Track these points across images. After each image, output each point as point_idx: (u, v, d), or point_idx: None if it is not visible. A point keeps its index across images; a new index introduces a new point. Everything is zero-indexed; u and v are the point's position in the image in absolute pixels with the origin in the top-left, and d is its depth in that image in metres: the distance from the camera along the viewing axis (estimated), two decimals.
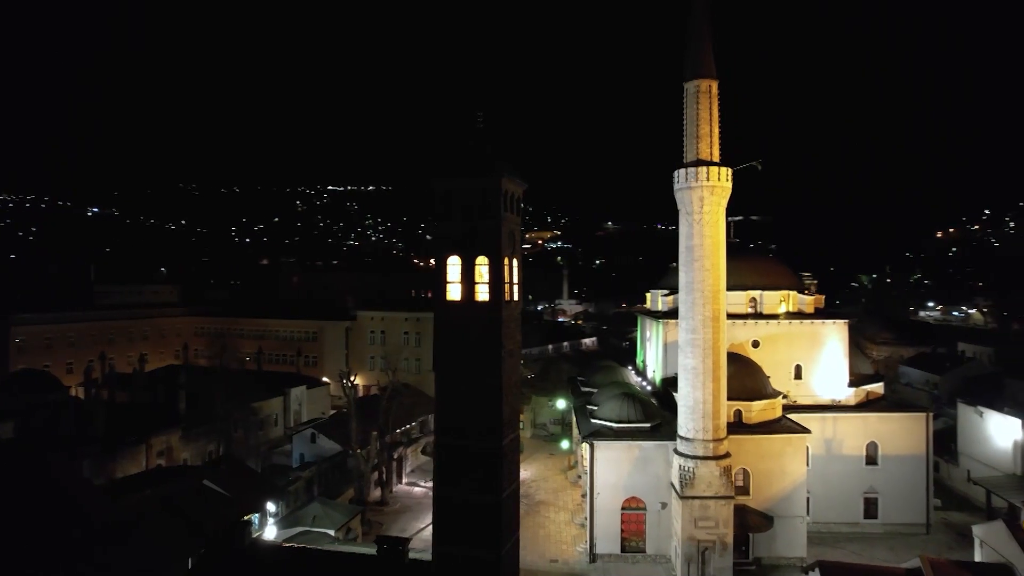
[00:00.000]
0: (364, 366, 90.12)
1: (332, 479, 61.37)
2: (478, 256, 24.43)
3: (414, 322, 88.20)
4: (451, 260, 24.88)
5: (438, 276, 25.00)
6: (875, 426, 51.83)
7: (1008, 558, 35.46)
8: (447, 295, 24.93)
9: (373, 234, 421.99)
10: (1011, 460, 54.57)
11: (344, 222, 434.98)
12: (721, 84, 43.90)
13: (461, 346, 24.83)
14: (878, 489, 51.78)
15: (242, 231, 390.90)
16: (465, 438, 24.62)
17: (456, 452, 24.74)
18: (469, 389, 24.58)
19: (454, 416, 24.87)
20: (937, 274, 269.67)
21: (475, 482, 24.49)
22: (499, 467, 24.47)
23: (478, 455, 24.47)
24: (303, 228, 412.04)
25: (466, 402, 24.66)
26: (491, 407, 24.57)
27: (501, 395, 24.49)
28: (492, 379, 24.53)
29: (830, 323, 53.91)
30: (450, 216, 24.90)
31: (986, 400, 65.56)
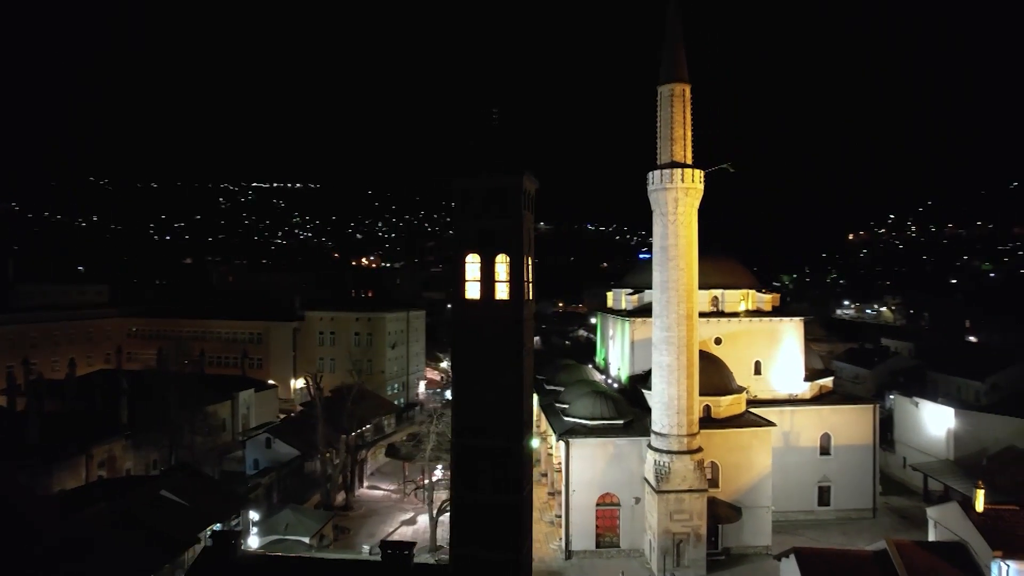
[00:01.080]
0: (313, 368, 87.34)
1: (291, 485, 59.47)
2: (498, 254, 24.23)
3: (365, 322, 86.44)
4: (470, 258, 24.56)
5: (455, 274, 24.65)
6: (828, 418, 54.61)
7: (962, 536, 38.11)
8: (465, 293, 24.57)
9: (301, 232, 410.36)
10: (944, 446, 58.63)
11: (271, 220, 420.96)
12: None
13: (480, 345, 24.58)
14: (831, 478, 54.58)
15: (161, 228, 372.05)
16: (483, 438, 24.38)
17: (474, 452, 24.48)
18: (488, 388, 24.37)
19: (472, 416, 24.59)
20: (850, 274, 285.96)
21: (494, 482, 24.31)
22: (519, 466, 24.39)
23: (497, 454, 24.30)
24: (227, 226, 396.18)
25: (485, 401, 24.43)
26: (511, 406, 24.46)
27: (522, 393, 24.39)
28: (513, 378, 24.44)
29: (787, 321, 56.44)
30: (469, 214, 24.59)
31: (911, 391, 70.38)
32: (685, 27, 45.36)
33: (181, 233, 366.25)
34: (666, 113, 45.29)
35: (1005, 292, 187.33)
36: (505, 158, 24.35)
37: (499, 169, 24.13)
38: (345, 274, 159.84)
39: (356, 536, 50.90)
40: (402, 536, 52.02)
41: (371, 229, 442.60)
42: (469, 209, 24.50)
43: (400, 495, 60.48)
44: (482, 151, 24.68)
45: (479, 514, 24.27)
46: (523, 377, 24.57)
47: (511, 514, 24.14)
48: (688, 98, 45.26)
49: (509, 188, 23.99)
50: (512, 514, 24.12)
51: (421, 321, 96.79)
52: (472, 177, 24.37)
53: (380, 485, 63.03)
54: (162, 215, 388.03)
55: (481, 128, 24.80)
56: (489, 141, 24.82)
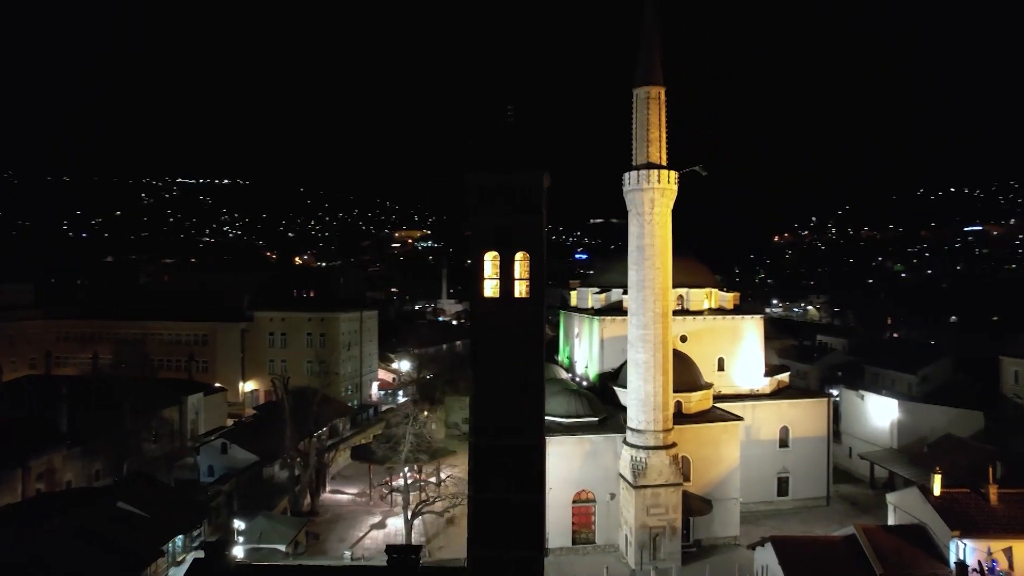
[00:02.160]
0: (263, 370, 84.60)
1: (251, 492, 57.30)
2: (517, 252, 24.12)
3: (318, 322, 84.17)
4: (488, 256, 24.34)
5: (474, 272, 24.38)
6: (787, 412, 56.94)
7: (921, 519, 40.57)
8: (483, 291, 24.34)
9: (231, 230, 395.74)
10: (888, 436, 62.13)
11: (197, 217, 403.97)
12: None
13: (499, 343, 24.39)
14: (789, 469, 56.94)
15: (77, 225, 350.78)
16: (503, 436, 24.22)
17: (494, 451, 24.27)
18: (508, 386, 24.22)
19: (492, 414, 24.39)
20: (777, 275, 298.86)
21: (514, 481, 24.18)
22: (540, 464, 24.37)
23: (517, 453, 24.19)
24: (151, 223, 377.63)
25: (504, 399, 24.28)
26: (531, 403, 24.41)
27: (542, 391, 24.36)
28: (533, 375, 24.39)
29: (748, 318, 58.53)
30: (487, 211, 24.35)
31: (849, 384, 74.41)
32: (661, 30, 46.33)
33: (100, 230, 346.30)
34: (642, 115, 46.13)
35: (919, 291, 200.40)
36: (523, 155, 24.25)
37: (519, 165, 24.02)
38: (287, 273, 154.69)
39: (327, 541, 49.64)
40: (373, 540, 51.10)
41: (304, 227, 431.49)
42: (487, 206, 24.24)
43: (366, 499, 59.28)
44: (498, 147, 24.49)
45: (499, 513, 24.09)
46: (543, 375, 24.55)
47: (532, 512, 24.09)
48: (663, 100, 46.27)
49: (530, 185, 23.93)
50: (533, 512, 24.09)
51: (374, 321, 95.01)
52: (491, 173, 24.13)
53: (344, 489, 61.57)
54: (76, 211, 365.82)
55: (496, 125, 24.63)
56: (505, 137, 24.66)
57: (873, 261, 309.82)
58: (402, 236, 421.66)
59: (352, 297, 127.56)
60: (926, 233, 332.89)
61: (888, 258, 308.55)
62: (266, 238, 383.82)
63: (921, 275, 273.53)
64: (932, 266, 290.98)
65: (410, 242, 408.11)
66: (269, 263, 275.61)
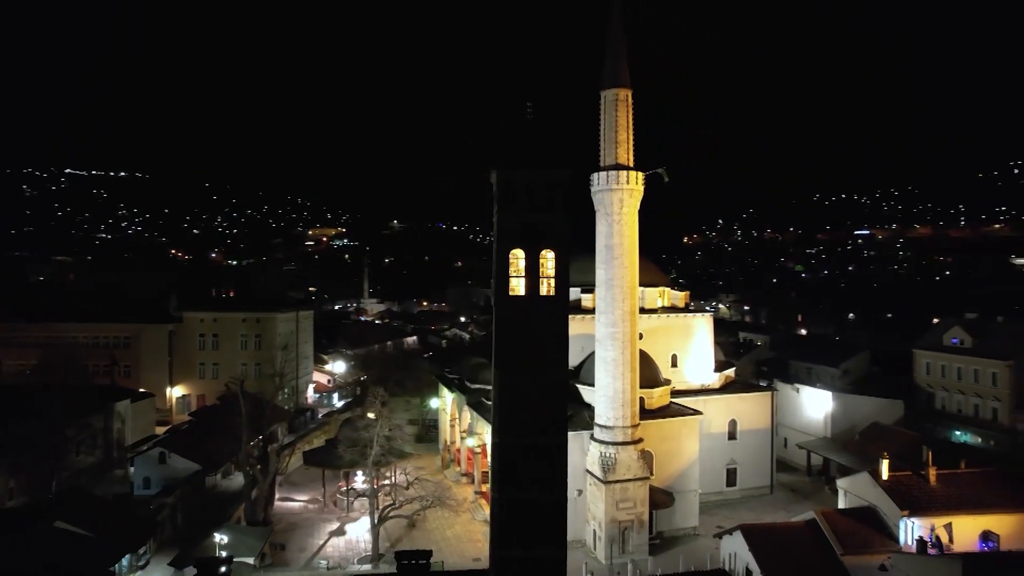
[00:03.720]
0: (193, 374, 79.98)
1: (195, 503, 54.07)
2: (544, 250, 24.02)
3: (254, 323, 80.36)
4: (515, 253, 24.09)
5: (499, 270, 24.04)
6: (735, 405, 59.50)
7: (872, 502, 43.50)
8: (510, 290, 24.07)
9: (130, 226, 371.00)
10: (823, 426, 66.17)
11: (91, 212, 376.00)
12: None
13: (524, 342, 24.17)
14: (737, 460, 59.55)
15: None
16: (528, 435, 24.06)
17: (519, 450, 24.05)
18: (533, 385, 24.06)
19: (517, 413, 24.13)
20: (687, 275, 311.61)
21: (538, 480, 24.02)
22: (563, 462, 24.39)
23: (542, 452, 24.05)
24: (34, 216, 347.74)
25: (529, 398, 24.09)
26: (556, 402, 24.37)
27: (566, 387, 24.29)
28: (558, 373, 24.36)
29: (699, 316, 60.74)
30: (513, 208, 24.07)
31: (776, 378, 78.75)
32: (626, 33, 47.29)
33: None
34: (610, 117, 46.97)
35: (823, 290, 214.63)
36: (554, 150, 24.16)
37: (548, 162, 23.90)
38: (203, 272, 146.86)
39: (289, 550, 47.57)
40: (335, 547, 49.47)
41: (210, 224, 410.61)
42: (513, 203, 23.95)
43: (318, 505, 57.26)
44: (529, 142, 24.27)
45: (523, 513, 23.87)
46: (567, 372, 24.53)
47: (556, 511, 24.05)
48: (631, 103, 47.29)
49: (556, 182, 23.85)
50: (558, 511, 24.05)
51: (310, 321, 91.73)
52: (520, 170, 23.86)
53: (294, 496, 59.14)
54: None
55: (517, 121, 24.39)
56: (528, 134, 24.47)
57: (775, 262, 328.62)
58: (316, 234, 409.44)
59: (275, 297, 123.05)
60: (822, 236, 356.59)
61: (789, 259, 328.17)
62: (169, 235, 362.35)
63: (819, 275, 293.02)
64: (828, 267, 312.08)
65: (325, 240, 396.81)
66: (176, 261, 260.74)
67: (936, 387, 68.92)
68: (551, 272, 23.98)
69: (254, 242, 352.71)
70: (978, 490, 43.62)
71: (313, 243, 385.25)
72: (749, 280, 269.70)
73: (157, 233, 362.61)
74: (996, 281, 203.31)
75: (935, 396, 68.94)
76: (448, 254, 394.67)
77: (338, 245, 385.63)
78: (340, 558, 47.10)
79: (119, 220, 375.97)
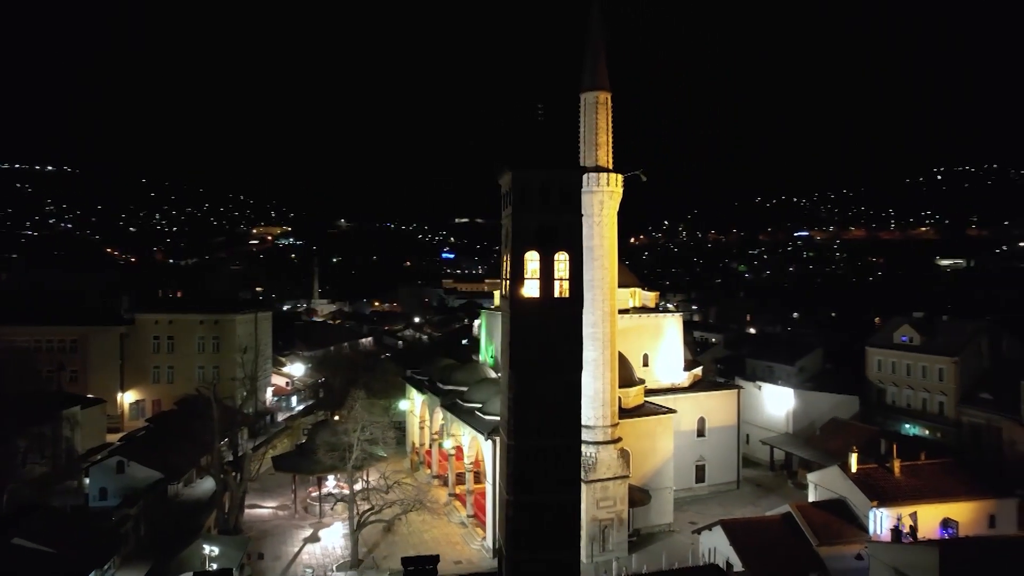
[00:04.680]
0: (146, 378, 76.66)
1: (158, 513, 51.84)
2: (558, 251, 24.02)
3: (212, 325, 77.60)
4: (529, 255, 24.00)
5: (514, 272, 23.90)
6: (704, 403, 60.86)
7: (841, 494, 45.28)
8: (523, 291, 23.95)
9: (59, 223, 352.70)
10: (784, 422, 68.37)
11: (14, 207, 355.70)
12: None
13: (539, 344, 24.09)
14: (706, 457, 60.92)
15: None
16: (544, 437, 24.04)
17: (534, 453, 23.99)
18: (548, 387, 24.04)
19: (531, 416, 24.05)
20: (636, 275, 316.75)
21: (553, 482, 24.03)
22: (577, 464, 24.47)
23: (556, 454, 24.08)
24: None
25: (543, 401, 24.06)
26: (570, 404, 24.39)
27: (580, 389, 24.32)
28: (572, 375, 24.38)
29: (670, 316, 61.88)
30: (527, 209, 23.94)
31: (733, 375, 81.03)
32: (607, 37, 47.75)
33: None
34: (590, 120, 47.34)
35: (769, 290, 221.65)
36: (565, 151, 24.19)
37: (561, 163, 23.88)
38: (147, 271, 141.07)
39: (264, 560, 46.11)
40: (311, 555, 48.32)
41: (147, 222, 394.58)
42: (527, 204, 23.82)
43: (288, 511, 55.83)
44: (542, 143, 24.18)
45: (538, 515, 23.83)
46: (580, 374, 24.60)
47: (571, 512, 24.10)
48: (610, 105, 47.77)
49: (570, 183, 23.87)
50: (572, 512, 24.11)
51: (269, 323, 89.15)
52: (536, 171, 23.72)
53: (262, 503, 57.44)
54: None
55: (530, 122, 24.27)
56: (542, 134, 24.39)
57: (720, 262, 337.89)
58: (260, 232, 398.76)
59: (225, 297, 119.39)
60: (763, 237, 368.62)
61: (733, 260, 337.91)
62: (103, 232, 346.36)
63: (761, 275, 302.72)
64: (770, 267, 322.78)
65: (270, 239, 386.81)
66: (113, 260, 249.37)
67: (887, 383, 72.09)
68: (565, 274, 23.99)
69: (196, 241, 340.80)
70: (938, 480, 45.97)
71: (257, 242, 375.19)
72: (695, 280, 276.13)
73: (90, 231, 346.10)
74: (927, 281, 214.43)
75: (886, 391, 72.08)
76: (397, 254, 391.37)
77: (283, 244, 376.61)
78: (317, 566, 46.01)
79: (46, 216, 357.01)
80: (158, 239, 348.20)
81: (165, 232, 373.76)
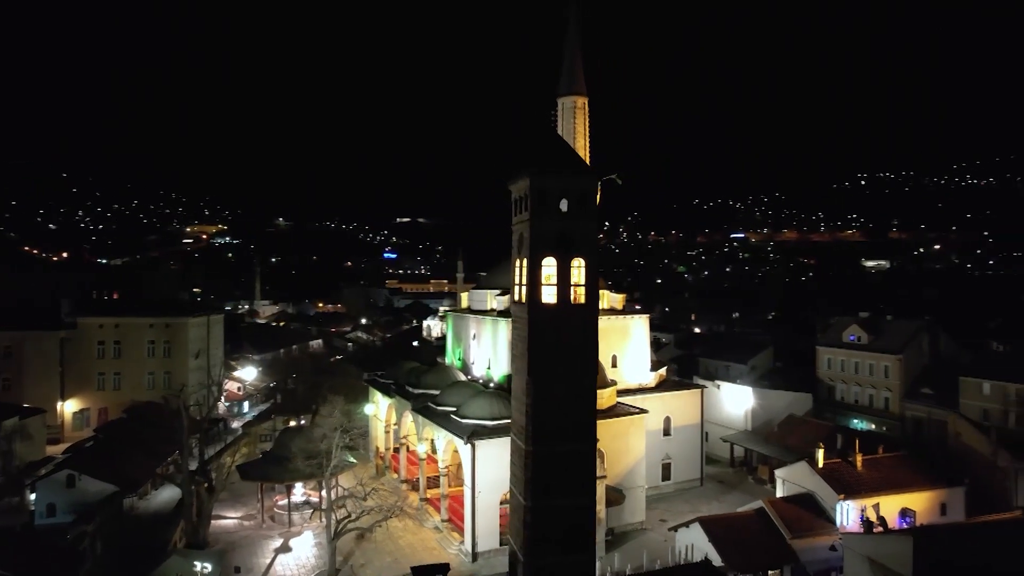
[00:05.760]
0: (91, 386, 72.74)
1: (115, 529, 49.31)
2: (575, 257, 24.14)
3: (163, 329, 74.30)
4: (546, 261, 23.99)
5: (531, 277, 23.85)
6: (669, 403, 62.18)
7: (808, 488, 47.16)
8: (541, 297, 23.95)
9: None
10: (743, 419, 70.60)
11: None
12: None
13: (556, 349, 24.16)
14: (671, 455, 62.27)
15: None
16: (562, 442, 24.13)
17: (553, 458, 24.05)
18: (566, 393, 24.15)
19: (549, 421, 24.11)
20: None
21: (569, 486, 24.17)
22: (592, 468, 24.64)
23: (572, 458, 24.23)
24: None
25: (560, 406, 24.16)
26: (585, 408, 24.56)
27: (595, 394, 24.45)
28: (588, 380, 24.56)
29: (637, 318, 62.92)
30: (547, 215, 23.94)
31: (687, 375, 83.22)
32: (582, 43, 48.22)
33: None
34: (568, 124, 47.78)
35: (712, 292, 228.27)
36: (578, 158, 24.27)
37: (578, 169, 23.97)
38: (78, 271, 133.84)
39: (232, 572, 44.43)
40: (284, 566, 46.90)
41: (69, 219, 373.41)
42: (545, 210, 23.82)
43: (253, 521, 54.06)
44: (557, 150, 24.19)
45: (556, 519, 23.92)
46: (595, 379, 24.76)
47: (587, 515, 24.27)
48: (587, 110, 48.32)
49: (587, 189, 24.01)
50: (588, 515, 24.28)
51: (221, 326, 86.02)
52: (554, 175, 23.72)
53: (225, 513, 55.35)
54: None
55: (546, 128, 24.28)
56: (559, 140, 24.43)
57: (660, 263, 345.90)
58: (195, 231, 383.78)
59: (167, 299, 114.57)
60: (702, 239, 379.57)
61: (673, 261, 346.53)
62: (19, 230, 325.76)
63: (699, 275, 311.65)
64: (708, 268, 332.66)
65: (205, 238, 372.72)
66: (33, 259, 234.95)
67: (836, 380, 75.49)
68: (582, 280, 24.13)
69: (125, 239, 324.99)
70: (896, 473, 48.52)
71: (192, 241, 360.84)
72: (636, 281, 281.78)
73: (4, 228, 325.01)
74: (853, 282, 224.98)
75: (835, 388, 75.48)
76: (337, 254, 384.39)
77: (220, 243, 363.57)
78: None
79: None
80: (83, 237, 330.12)
81: (90, 230, 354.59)
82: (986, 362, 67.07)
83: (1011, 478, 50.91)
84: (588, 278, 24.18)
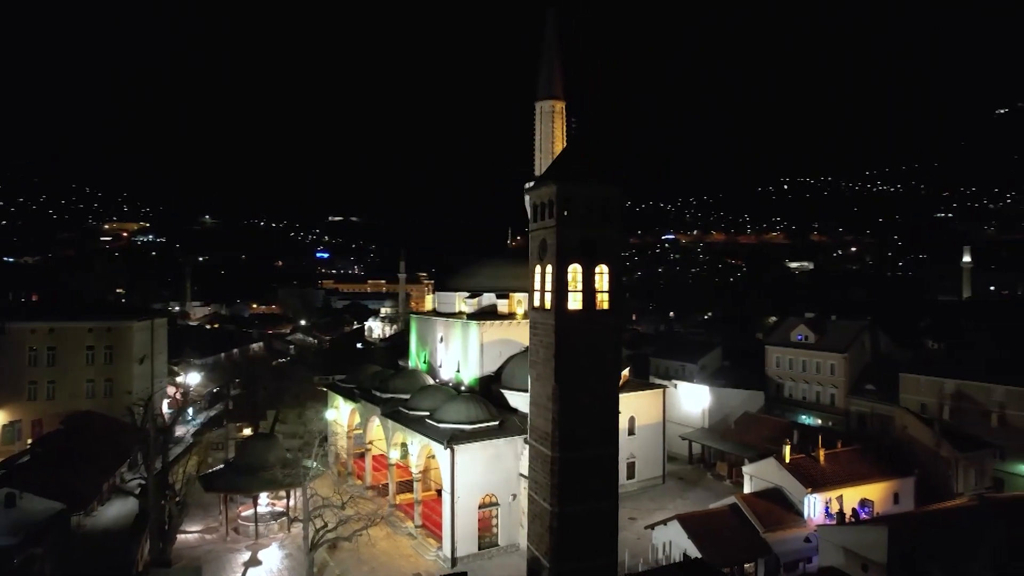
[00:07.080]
0: (22, 395, 67.69)
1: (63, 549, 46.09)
2: (599, 264, 24.28)
3: (103, 333, 69.96)
4: (572, 268, 24.01)
5: (557, 284, 23.81)
6: (634, 403, 63.22)
7: (776, 482, 49.02)
8: (567, 304, 23.96)
9: None
10: (700, 417, 72.71)
11: None
12: None
13: (582, 356, 24.19)
14: (635, 454, 63.47)
15: None
16: (586, 448, 24.26)
17: (577, 464, 24.13)
18: (591, 399, 24.27)
19: (574, 427, 24.17)
20: None
21: (593, 491, 24.33)
22: (615, 473, 24.88)
23: (596, 463, 24.36)
24: None
25: (584, 412, 24.26)
26: (608, 414, 24.73)
27: (617, 399, 24.58)
28: (611, 386, 24.73)
29: None
30: (571, 223, 23.95)
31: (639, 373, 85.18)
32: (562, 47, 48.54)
33: None
34: (546, 128, 48.03)
35: (650, 292, 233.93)
36: (605, 166, 24.41)
37: (603, 178, 24.09)
38: None
39: None
40: None
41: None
42: (571, 217, 23.83)
43: (218, 534, 51.78)
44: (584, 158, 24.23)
45: (581, 524, 24.02)
46: (618, 385, 24.90)
47: (609, 520, 24.48)
48: (564, 114, 48.67)
49: (613, 197, 24.17)
50: (611, 520, 24.49)
51: (165, 330, 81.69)
52: (581, 183, 23.77)
53: (184, 527, 52.66)
54: None
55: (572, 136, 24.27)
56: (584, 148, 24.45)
57: None
58: (114, 228, 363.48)
59: (97, 301, 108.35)
60: (634, 240, 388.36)
61: None
62: None
63: (632, 276, 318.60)
64: (641, 268, 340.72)
65: (125, 236, 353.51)
66: None
67: (785, 378, 78.81)
68: (605, 286, 24.30)
69: (34, 236, 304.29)
70: (855, 465, 51.04)
71: (111, 238, 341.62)
72: None
73: None
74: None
75: (784, 385, 78.79)
76: (268, 253, 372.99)
77: (142, 241, 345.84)
78: None
79: None
80: None
81: None
82: (924, 360, 71.52)
83: (952, 467, 54.48)
84: (612, 285, 24.37)
